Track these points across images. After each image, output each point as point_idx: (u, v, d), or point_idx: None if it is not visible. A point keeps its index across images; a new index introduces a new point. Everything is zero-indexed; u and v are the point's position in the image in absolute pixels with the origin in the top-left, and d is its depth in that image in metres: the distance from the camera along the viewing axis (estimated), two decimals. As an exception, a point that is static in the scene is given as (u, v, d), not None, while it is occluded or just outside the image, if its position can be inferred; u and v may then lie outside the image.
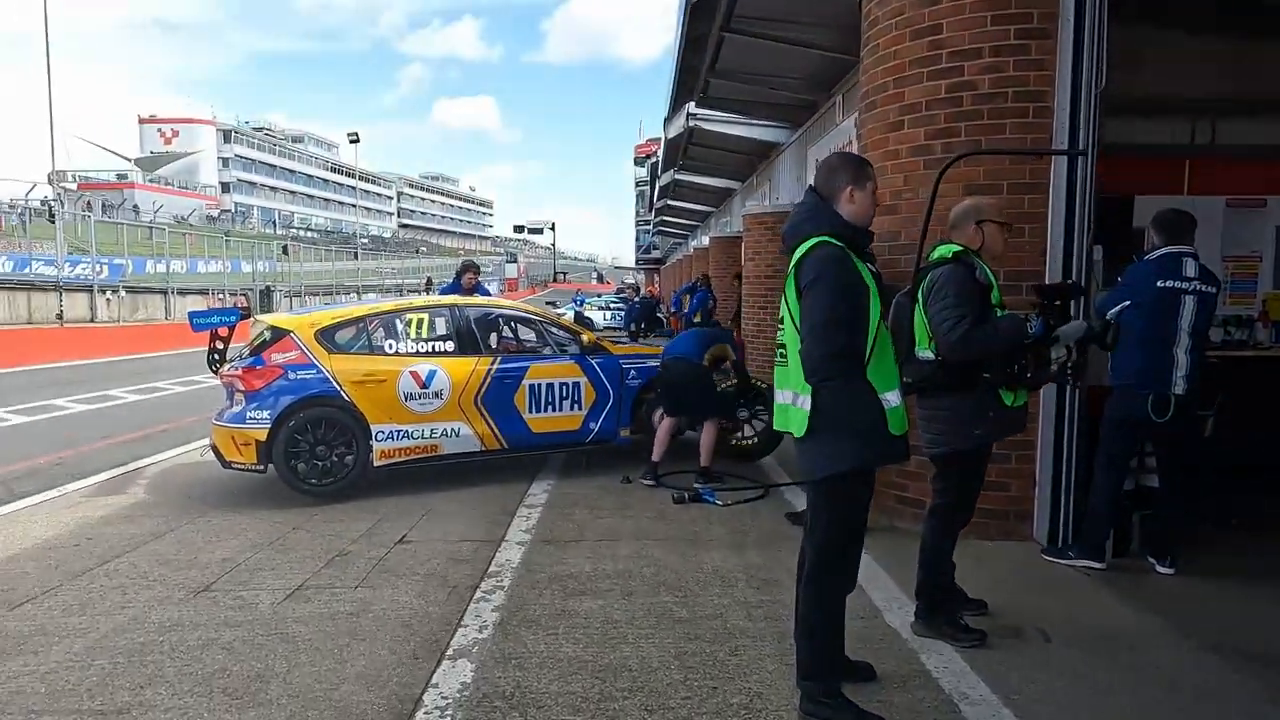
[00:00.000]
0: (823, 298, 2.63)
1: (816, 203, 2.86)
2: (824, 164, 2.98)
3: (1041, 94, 4.42)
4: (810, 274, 2.68)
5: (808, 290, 2.68)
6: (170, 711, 2.90)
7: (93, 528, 5.28)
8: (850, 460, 2.71)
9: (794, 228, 2.87)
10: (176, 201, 65.71)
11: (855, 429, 2.68)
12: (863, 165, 2.92)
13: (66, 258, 25.60)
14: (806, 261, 2.71)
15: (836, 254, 2.69)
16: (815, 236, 2.75)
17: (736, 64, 8.99)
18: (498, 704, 2.91)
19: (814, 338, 2.63)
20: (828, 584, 2.84)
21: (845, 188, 2.83)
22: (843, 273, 2.67)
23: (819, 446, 2.73)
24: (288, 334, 5.98)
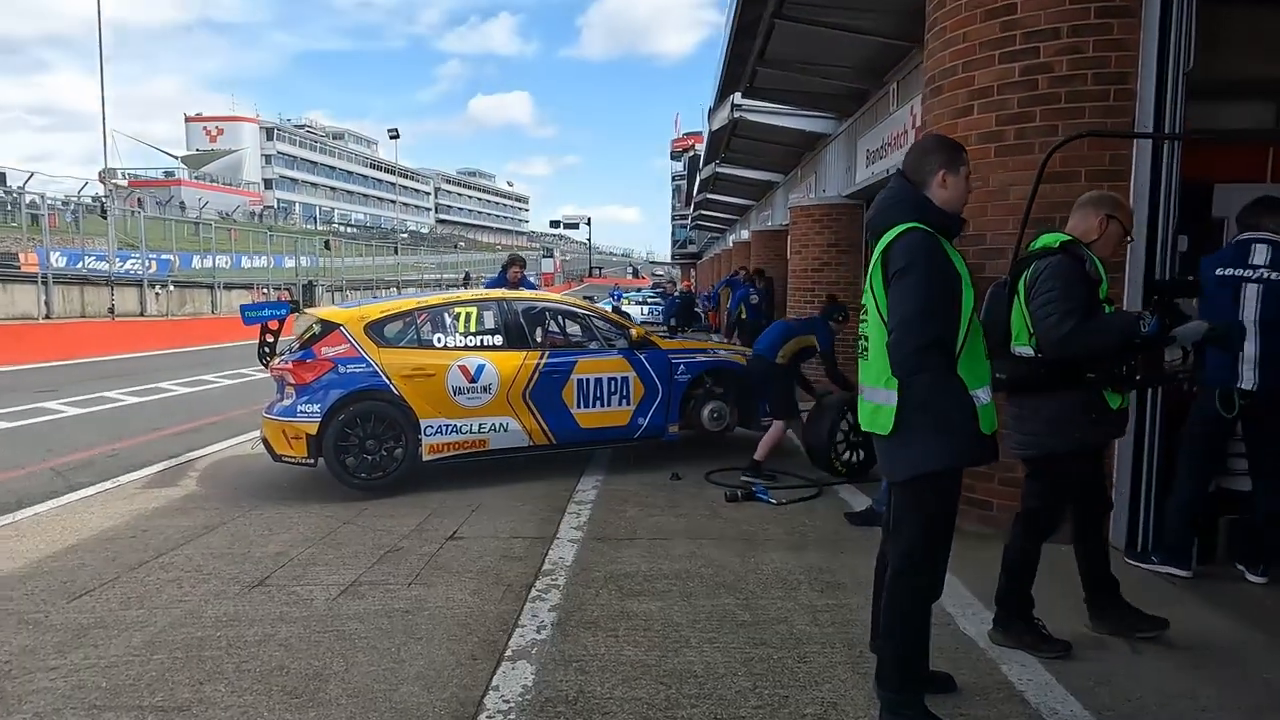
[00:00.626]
0: (914, 287, 2.49)
1: (905, 187, 2.71)
2: (915, 147, 2.83)
3: (1123, 76, 4.20)
4: (900, 261, 2.53)
5: (897, 278, 2.53)
6: (230, 710, 2.85)
7: (147, 519, 5.31)
8: (939, 460, 2.56)
9: (881, 213, 2.72)
10: (221, 198, 67.01)
11: (944, 427, 2.53)
12: (957, 149, 2.77)
13: (117, 253, 26.18)
14: (895, 248, 2.57)
15: (928, 240, 2.55)
16: (904, 223, 2.60)
17: (786, 52, 8.77)
18: (561, 709, 2.82)
19: (904, 329, 2.48)
20: (913, 590, 2.68)
21: (938, 172, 2.68)
22: (934, 260, 2.53)
23: (905, 445, 2.59)
24: (337, 327, 5.96)
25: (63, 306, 22.51)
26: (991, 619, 3.44)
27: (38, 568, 4.35)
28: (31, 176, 31.87)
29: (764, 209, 20.24)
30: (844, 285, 10.85)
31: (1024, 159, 4.38)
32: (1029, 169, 4.38)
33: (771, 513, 5.32)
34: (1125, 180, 4.23)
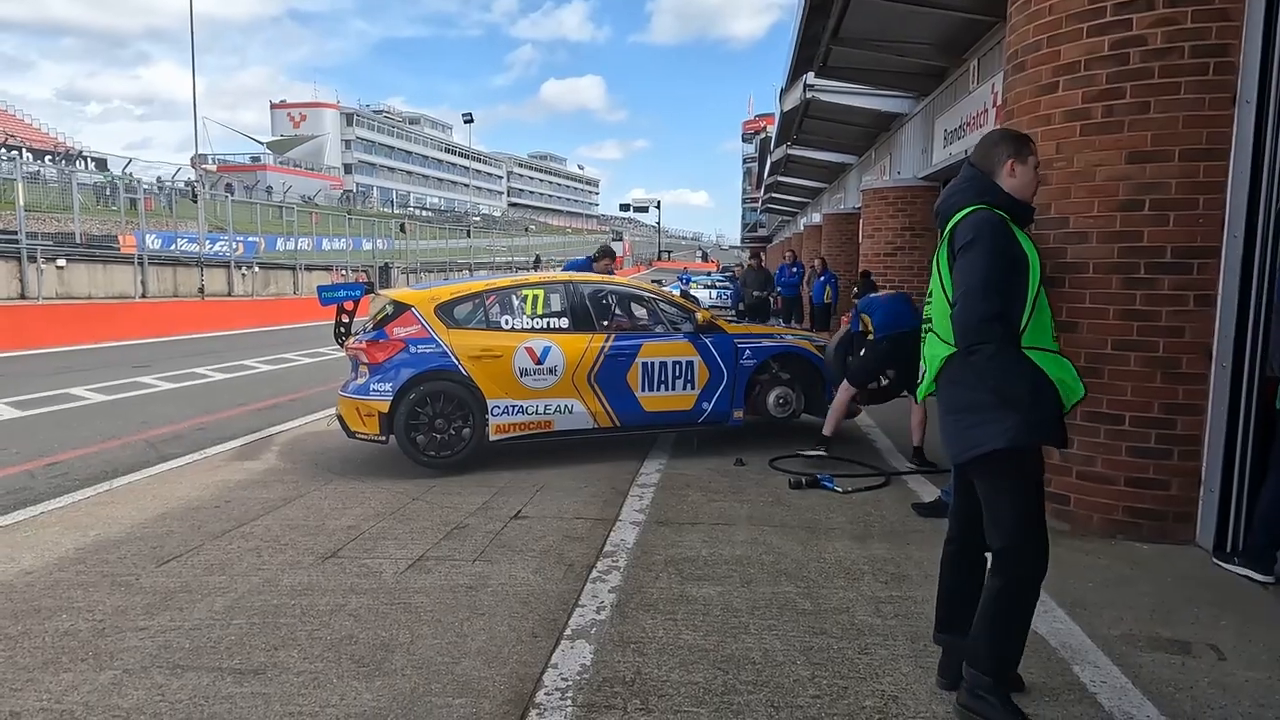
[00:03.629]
0: (979, 260, 2.51)
1: (975, 175, 2.74)
2: (983, 139, 2.84)
3: (1225, 48, 3.93)
4: (966, 236, 2.57)
5: (962, 253, 2.56)
6: (302, 675, 2.97)
7: (231, 490, 5.56)
8: (1005, 438, 2.50)
9: (948, 200, 2.77)
10: (304, 182, 69.36)
11: (1011, 404, 2.49)
12: (1025, 139, 2.78)
13: (207, 236, 27.40)
14: (962, 225, 2.61)
15: (994, 219, 2.58)
16: (971, 205, 2.65)
17: (861, 29, 8.53)
18: (618, 690, 2.84)
19: (968, 301, 2.49)
20: (1015, 575, 2.61)
21: (1006, 161, 2.71)
22: (1000, 237, 2.54)
23: (970, 424, 2.58)
24: (409, 309, 6.10)
25: (157, 286, 23.72)
26: (1065, 616, 3.31)
27: (130, 533, 4.61)
28: (130, 163, 33.57)
29: (836, 191, 19.83)
30: (917, 270, 10.57)
31: (1112, 138, 4.17)
32: (1117, 148, 4.19)
33: (836, 501, 5.23)
34: (1224, 160, 3.98)
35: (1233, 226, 3.97)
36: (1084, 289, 4.34)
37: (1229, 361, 4.02)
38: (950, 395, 2.68)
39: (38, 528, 4.71)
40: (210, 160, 71.16)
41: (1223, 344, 4.05)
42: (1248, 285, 3.94)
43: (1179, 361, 4.16)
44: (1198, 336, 4.12)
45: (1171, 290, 4.11)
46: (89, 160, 46.07)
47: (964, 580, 2.84)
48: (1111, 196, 4.20)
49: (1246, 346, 3.97)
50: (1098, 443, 4.33)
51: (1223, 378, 4.05)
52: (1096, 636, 3.24)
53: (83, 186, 29.71)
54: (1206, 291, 4.07)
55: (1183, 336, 4.14)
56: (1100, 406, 4.32)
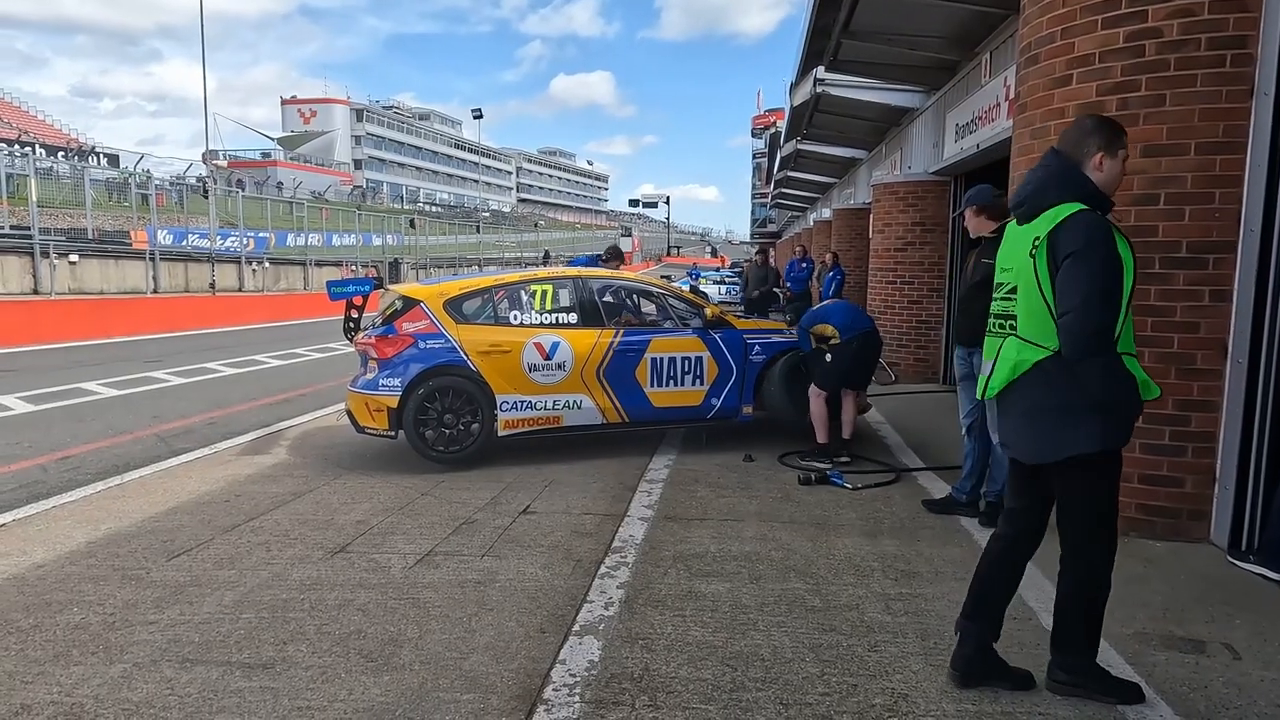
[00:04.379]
0: (1095, 268, 2.49)
1: (1064, 166, 2.68)
2: (1075, 125, 2.78)
3: (1242, 40, 3.87)
4: (1078, 241, 2.52)
5: (1074, 260, 2.51)
6: (311, 669, 2.97)
7: (240, 485, 5.58)
8: (1103, 441, 2.60)
9: (1039, 190, 2.69)
10: (314, 178, 69.59)
11: (1111, 408, 2.58)
12: (1119, 131, 2.72)
13: (218, 231, 27.52)
14: (1070, 228, 2.55)
15: (1103, 224, 2.56)
16: (1068, 202, 2.60)
17: (872, 23, 8.46)
18: (626, 686, 2.83)
19: (1086, 312, 2.48)
20: (1089, 565, 2.73)
21: (1096, 153, 2.66)
22: (1110, 245, 2.53)
23: (1065, 426, 2.61)
24: (418, 304, 6.10)
25: (168, 281, 23.85)
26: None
27: (141, 527, 4.63)
28: (142, 159, 33.73)
29: (846, 187, 19.74)
30: (928, 265, 10.49)
31: (1127, 131, 4.10)
32: (1132, 142, 4.05)
33: (846, 498, 5.21)
34: (1241, 153, 3.92)
35: (1249, 221, 3.92)
36: (1097, 284, 4.29)
37: (1244, 357, 3.97)
38: (1036, 397, 2.66)
39: (49, 521, 4.74)
40: (221, 156, 71.51)
41: (1238, 340, 4.00)
42: (1264, 280, 3.88)
43: (1194, 357, 4.11)
44: (1213, 332, 4.07)
45: (1186, 285, 4.06)
46: (101, 156, 46.31)
47: (1004, 577, 2.89)
48: (1126, 190, 4.13)
49: (1263, 342, 3.91)
50: (1111, 439, 4.29)
51: (1238, 374, 4.00)
52: (1110, 635, 3.18)
53: (95, 182, 29.87)
54: (1222, 287, 4.02)
55: (1198, 332, 4.09)
56: (1113, 403, 4.26)
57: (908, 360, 10.67)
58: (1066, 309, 2.51)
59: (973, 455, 4.73)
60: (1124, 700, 2.71)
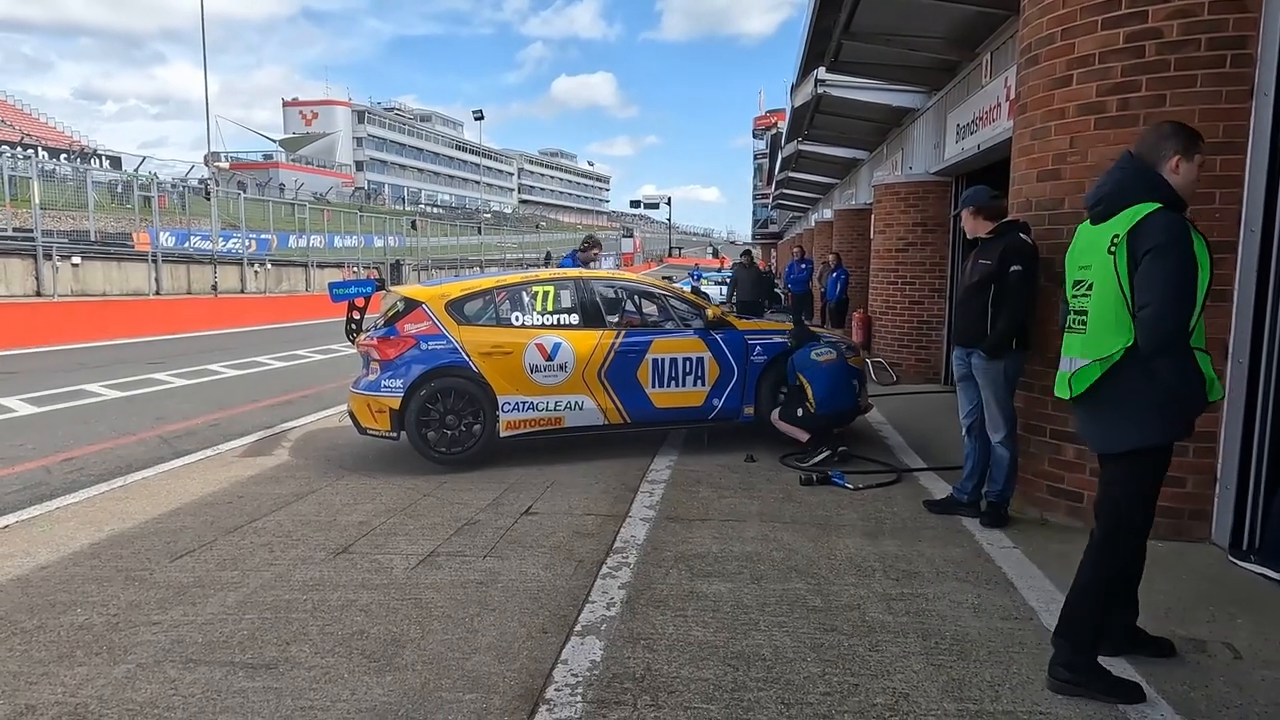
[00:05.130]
0: (1174, 267, 2.59)
1: (1140, 167, 2.79)
2: (1153, 129, 2.90)
3: (1242, 40, 3.88)
4: (1159, 239, 2.61)
5: (1156, 256, 2.60)
6: (314, 670, 2.98)
7: (243, 486, 5.59)
8: (1164, 435, 2.71)
9: (1118, 190, 2.78)
10: (316, 180, 69.62)
11: (1177, 403, 2.68)
12: (1195, 136, 2.82)
13: (220, 233, 27.56)
14: (1151, 226, 2.64)
15: (1182, 223, 2.65)
16: (1147, 201, 2.69)
17: (873, 24, 8.46)
18: (628, 685, 2.84)
19: (1165, 306, 2.58)
20: (1115, 555, 2.82)
21: (1173, 157, 2.76)
22: (1189, 243, 2.61)
23: (1129, 418, 2.72)
24: (419, 305, 6.11)
25: (170, 283, 23.89)
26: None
27: (144, 529, 4.64)
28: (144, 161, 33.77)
29: (847, 187, 19.73)
30: (929, 265, 10.50)
31: (1127, 132, 4.11)
32: (1132, 142, 4.12)
33: (848, 498, 5.21)
34: (1241, 154, 3.93)
35: (1250, 221, 3.92)
36: (1098, 284, 4.29)
37: (1245, 357, 3.98)
38: (1116, 390, 2.75)
39: (53, 523, 4.75)
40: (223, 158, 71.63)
41: (1239, 340, 4.00)
42: (1265, 281, 3.89)
43: (1194, 357, 4.10)
44: (1214, 333, 4.04)
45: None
46: (104, 159, 46.41)
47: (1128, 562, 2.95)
48: (1126, 191, 4.15)
49: (1264, 342, 3.92)
50: (1112, 439, 4.29)
51: (1239, 374, 4.01)
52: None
53: (98, 185, 29.89)
54: (1223, 287, 4.01)
55: (1196, 332, 4.09)
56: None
57: (909, 360, 10.67)
58: (1145, 303, 2.61)
59: (973, 456, 4.73)
60: (1125, 700, 2.72)
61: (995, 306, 4.39)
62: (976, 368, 4.56)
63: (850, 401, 6.34)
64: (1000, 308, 4.37)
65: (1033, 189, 4.64)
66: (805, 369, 6.26)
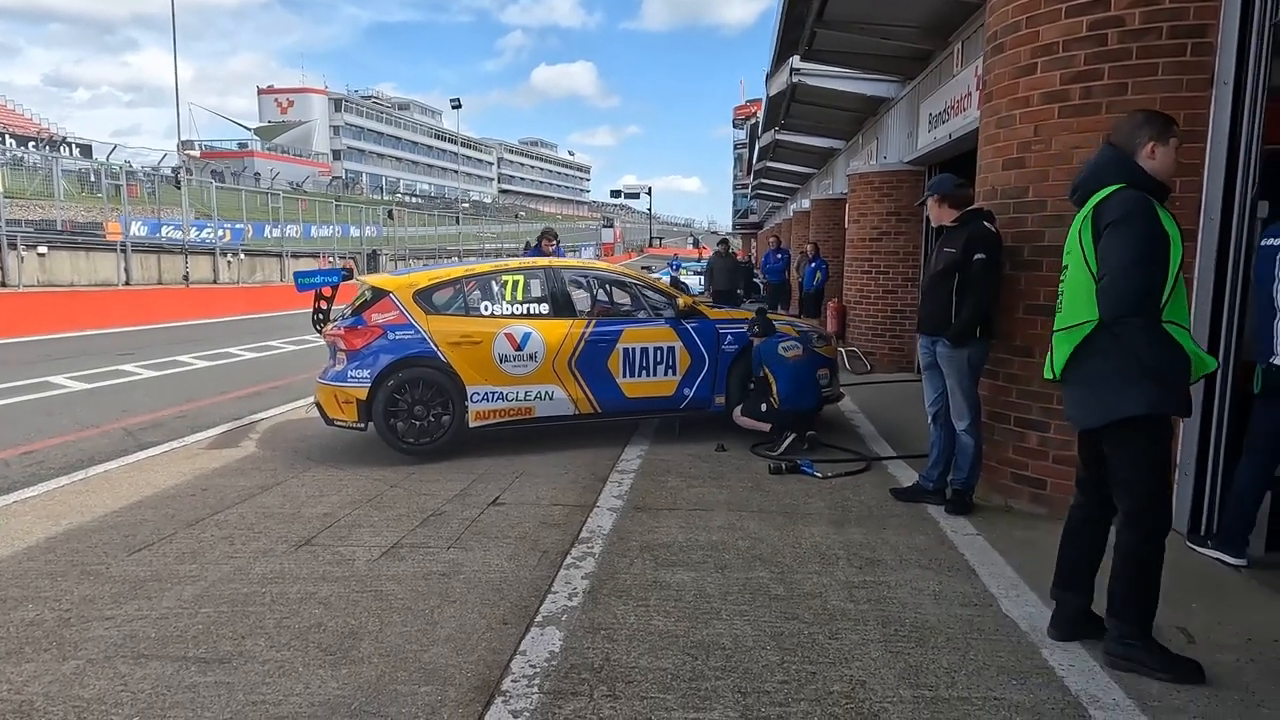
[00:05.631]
0: (1127, 237, 2.66)
1: (1116, 155, 2.87)
2: (1126, 119, 2.97)
3: (1203, 29, 3.90)
4: (1115, 213, 2.71)
5: (1112, 229, 2.70)
6: (268, 663, 2.94)
7: (208, 479, 5.51)
8: (1143, 405, 2.72)
9: (1092, 176, 2.89)
10: (292, 169, 68.79)
11: (1153, 374, 2.69)
12: (1168, 121, 2.89)
13: (193, 223, 27.16)
14: (1110, 202, 2.75)
15: (1141, 197, 2.73)
16: (1116, 184, 2.79)
17: (845, 12, 8.45)
18: (585, 676, 2.82)
19: (1120, 274, 2.65)
20: (1143, 532, 2.83)
21: (1147, 143, 2.83)
22: (1148, 215, 2.69)
23: (1107, 391, 2.77)
24: (387, 295, 6.04)
25: (141, 274, 23.50)
26: (1037, 600, 3.32)
27: (103, 522, 4.56)
28: (115, 149, 33.21)
29: (825, 177, 19.77)
30: (903, 255, 10.54)
31: (1090, 120, 4.14)
32: (1095, 130, 4.14)
33: (816, 486, 5.22)
34: (1201, 142, 3.95)
35: (1209, 209, 3.95)
36: (1060, 272, 4.30)
37: (1204, 344, 4.00)
38: (1089, 365, 2.82)
39: (9, 516, 4.66)
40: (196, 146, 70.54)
41: (1198, 326, 4.02)
42: (1223, 269, 3.92)
43: (1155, 345, 4.14)
44: (1174, 320, 4.10)
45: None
46: (74, 147, 45.56)
47: (1088, 542, 3.04)
48: (1089, 179, 4.17)
49: (1222, 330, 3.96)
50: (1074, 427, 4.32)
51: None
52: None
53: (67, 173, 29.39)
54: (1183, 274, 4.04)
55: (1159, 320, 4.12)
56: (1077, 390, 4.30)
57: (882, 349, 10.72)
58: (1104, 273, 2.70)
59: (938, 444, 4.75)
60: (1180, 680, 2.75)
61: (959, 295, 4.41)
62: (941, 356, 4.57)
63: (814, 399, 6.35)
64: (964, 296, 4.39)
65: (998, 177, 4.65)
66: (771, 363, 6.26)
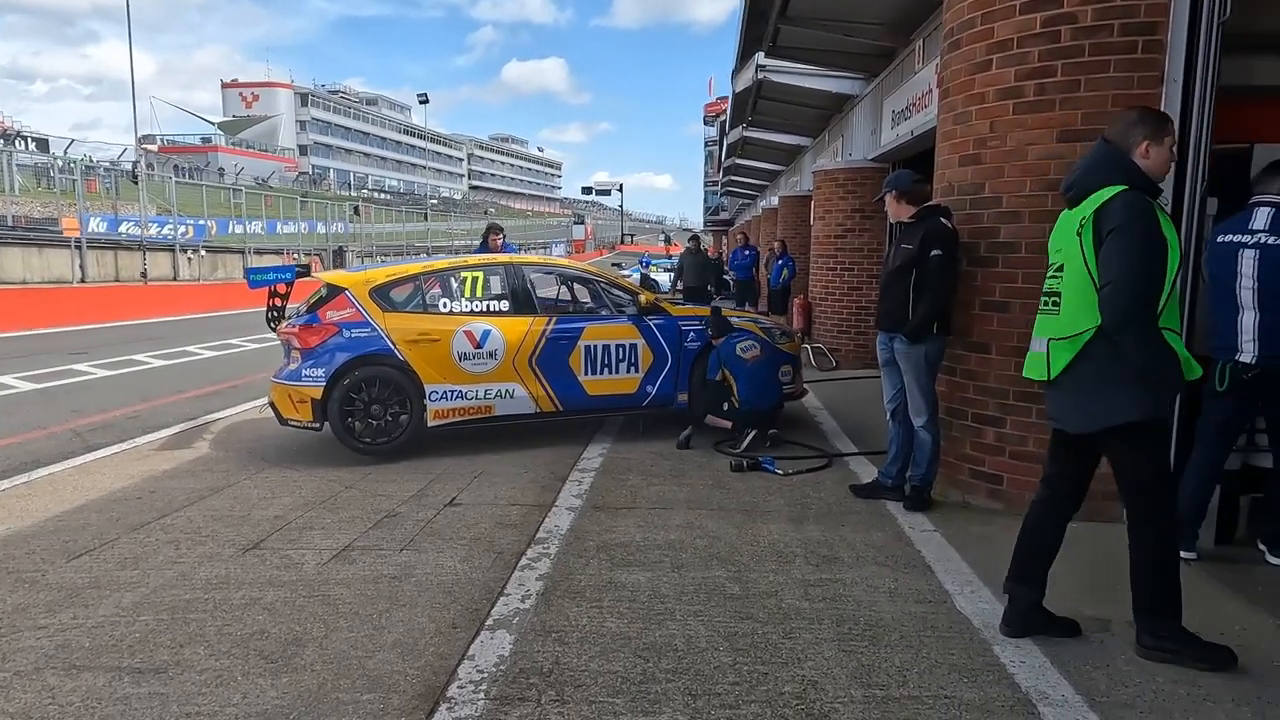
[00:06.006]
0: (1132, 245, 2.64)
1: (1112, 152, 2.85)
2: (1121, 117, 2.94)
3: (1153, 26, 3.93)
4: (1119, 219, 2.68)
5: (1116, 235, 2.67)
6: (206, 673, 2.84)
7: (156, 481, 5.36)
8: (1143, 410, 2.73)
9: (1087, 175, 2.87)
10: (257, 164, 67.67)
11: (1150, 379, 2.69)
12: (1163, 120, 2.89)
13: (154, 219, 26.57)
14: (1112, 207, 2.71)
15: (1144, 203, 2.71)
16: (1114, 185, 2.75)
17: (808, 8, 8.43)
18: (534, 680, 2.76)
19: (1124, 284, 2.63)
20: (1156, 532, 2.86)
21: (1141, 142, 2.82)
22: (1152, 222, 2.67)
23: (1104, 397, 2.77)
24: (342, 291, 5.92)
25: (97, 271, 22.95)
26: (990, 596, 3.32)
27: (43, 527, 4.41)
28: (72, 143, 32.41)
29: (793, 174, 19.83)
30: (867, 252, 10.59)
31: (1044, 116, 4.15)
32: (1049, 127, 4.18)
33: (777, 483, 5.21)
34: (1151, 139, 3.97)
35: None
36: (1016, 269, 4.33)
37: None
38: (1083, 370, 2.81)
39: (-58, 523, 4.49)
40: (159, 141, 69.10)
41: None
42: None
43: (1108, 341, 4.17)
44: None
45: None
46: (29, 140, 44.41)
47: (1044, 538, 3.09)
48: (1043, 175, 4.19)
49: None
50: (1029, 422, 4.34)
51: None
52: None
53: (23, 168, 28.60)
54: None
55: (1112, 316, 4.14)
56: (1031, 386, 4.30)
57: (847, 346, 10.77)
58: (1107, 280, 2.67)
59: (897, 440, 4.76)
60: (1215, 666, 2.79)
61: (916, 291, 4.41)
62: (899, 352, 4.57)
63: (775, 397, 6.33)
64: (921, 292, 4.39)
65: (955, 173, 4.66)
66: (731, 364, 6.23)
